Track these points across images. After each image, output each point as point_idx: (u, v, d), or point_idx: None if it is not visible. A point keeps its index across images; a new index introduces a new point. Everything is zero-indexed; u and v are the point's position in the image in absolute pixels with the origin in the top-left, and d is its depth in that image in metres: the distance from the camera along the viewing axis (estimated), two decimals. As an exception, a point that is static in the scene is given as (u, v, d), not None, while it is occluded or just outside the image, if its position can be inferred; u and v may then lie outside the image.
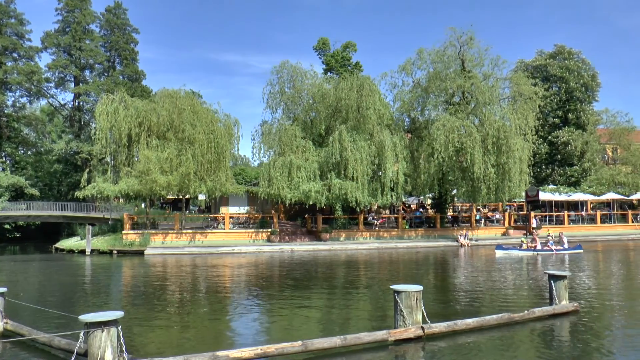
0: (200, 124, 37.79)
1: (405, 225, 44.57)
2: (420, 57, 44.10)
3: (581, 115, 59.50)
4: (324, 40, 63.47)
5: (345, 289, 19.80)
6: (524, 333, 12.42)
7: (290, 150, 39.78)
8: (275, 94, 44.88)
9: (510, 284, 20.54)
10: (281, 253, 35.20)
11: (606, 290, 18.46)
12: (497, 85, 44.37)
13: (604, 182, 55.04)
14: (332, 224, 41.95)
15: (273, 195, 38.83)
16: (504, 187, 40.27)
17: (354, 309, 15.72)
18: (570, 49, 62.25)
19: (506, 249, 33.30)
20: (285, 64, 44.55)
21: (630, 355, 10.49)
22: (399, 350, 10.87)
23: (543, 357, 10.59)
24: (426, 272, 25.08)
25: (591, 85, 61.41)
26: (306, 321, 13.98)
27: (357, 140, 39.31)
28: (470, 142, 38.80)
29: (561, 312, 13.98)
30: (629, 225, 51.35)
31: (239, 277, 24.01)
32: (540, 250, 33.03)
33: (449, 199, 47.85)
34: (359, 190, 37.98)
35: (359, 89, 41.00)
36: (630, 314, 14.25)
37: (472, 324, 12.38)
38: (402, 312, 11.47)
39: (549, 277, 14.54)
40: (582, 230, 49.35)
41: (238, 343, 11.36)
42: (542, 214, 49.92)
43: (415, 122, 45.85)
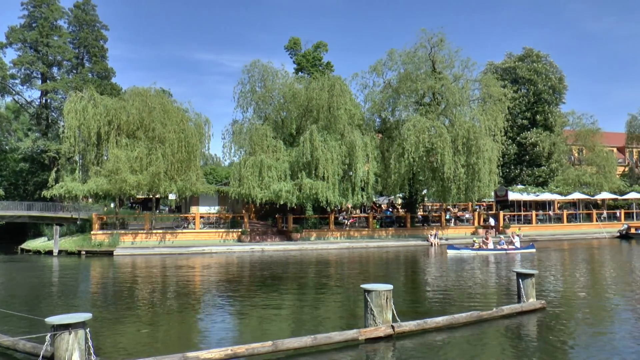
0: (171, 122, 37.45)
1: (376, 224, 44.77)
2: (391, 58, 44.34)
3: (549, 117, 60.34)
4: (296, 39, 63.36)
5: (316, 288, 19.85)
6: (493, 330, 12.61)
7: (261, 150, 39.66)
8: (246, 93, 44.68)
9: (479, 283, 20.79)
10: (252, 253, 35.11)
11: (566, 288, 18.81)
12: (467, 86, 44.80)
13: (570, 182, 55.98)
14: (302, 223, 41.93)
15: (244, 195, 38.69)
16: (474, 187, 40.67)
17: (324, 308, 15.76)
18: (539, 52, 63.10)
19: (458, 249, 33.59)
20: (256, 63, 44.43)
21: (592, 350, 10.74)
22: (369, 349, 10.94)
23: (511, 354, 10.78)
24: (396, 272, 25.25)
25: (558, 87, 62.33)
26: (277, 321, 13.97)
27: (328, 140, 39.36)
28: (440, 142, 39.12)
29: (529, 310, 14.23)
30: (593, 224, 52.34)
31: (210, 277, 23.88)
32: (492, 249, 33.31)
33: (420, 198, 48.20)
34: (329, 190, 38.06)
35: (330, 89, 41.06)
36: (592, 310, 14.55)
37: (442, 323, 12.51)
38: (373, 311, 11.53)
39: (517, 276, 14.79)
40: (549, 229, 50.20)
41: (208, 344, 11.31)
42: (511, 214, 50.55)
43: (386, 122, 46.08)
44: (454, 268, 25.94)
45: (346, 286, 20.13)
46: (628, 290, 18.64)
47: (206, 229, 40.35)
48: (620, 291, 18.44)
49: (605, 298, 17.23)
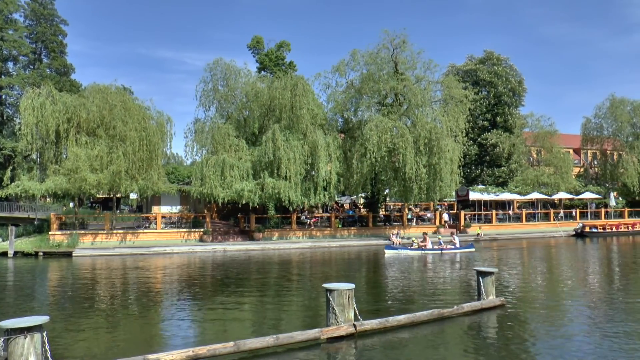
0: (132, 120, 36.85)
1: (338, 224, 44.90)
2: (354, 59, 44.48)
3: (508, 119, 61.34)
4: (258, 38, 63.13)
5: (278, 288, 19.84)
6: (453, 328, 12.81)
7: (224, 149, 39.42)
8: (208, 92, 44.36)
9: (440, 281, 21.05)
10: (214, 253, 34.85)
11: (525, 285, 19.15)
12: (429, 88, 45.20)
13: (529, 182, 57.08)
14: (265, 223, 41.77)
15: (206, 195, 38.40)
16: (435, 187, 41.07)
17: (286, 308, 15.76)
18: (499, 55, 64.08)
19: (396, 249, 33.45)
20: (219, 62, 44.16)
21: (549, 345, 10.97)
22: (331, 348, 10.99)
23: (471, 350, 10.97)
24: (358, 271, 25.36)
25: (518, 90, 63.40)
26: (239, 321, 13.91)
27: (291, 140, 39.35)
28: (402, 143, 39.42)
29: (489, 307, 14.49)
30: (551, 223, 53.54)
31: (171, 278, 23.60)
32: (430, 249, 33.30)
33: (382, 198, 48.49)
34: (292, 190, 38.06)
35: (292, 88, 41.03)
36: (549, 307, 14.84)
37: (404, 321, 12.63)
38: (335, 310, 11.59)
39: (477, 274, 15.05)
40: (509, 228, 51.11)
41: (169, 345, 11.22)
42: (472, 213, 51.28)
43: (348, 122, 46.22)
44: (415, 267, 26.20)
45: (308, 286, 20.18)
46: (583, 287, 19.15)
47: (168, 229, 39.86)
48: (576, 288, 18.96)
49: (561, 295, 17.68)
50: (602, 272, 23.78)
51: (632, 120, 64.04)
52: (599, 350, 10.56)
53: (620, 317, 13.36)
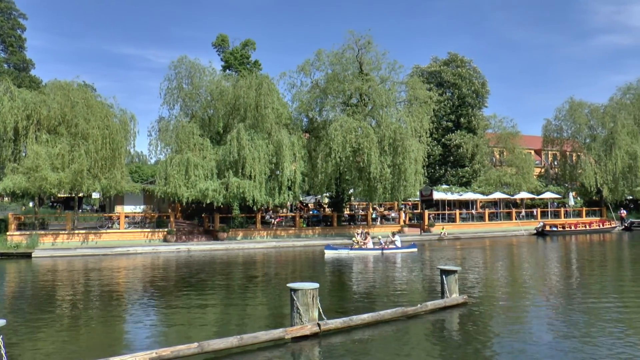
0: (95, 118, 36.18)
1: (303, 224, 44.93)
2: (319, 59, 44.52)
3: (472, 120, 62.14)
4: (223, 37, 62.74)
5: (243, 288, 19.77)
6: (417, 326, 12.97)
7: (188, 148, 39.08)
8: (172, 90, 43.78)
9: (404, 280, 21.24)
10: (178, 253, 34.54)
11: (487, 283, 19.45)
12: (394, 88, 45.56)
13: (492, 182, 57.94)
14: (229, 223, 41.55)
15: (170, 194, 38.04)
16: (400, 187, 41.36)
17: (251, 308, 15.73)
18: (463, 57, 64.85)
19: (335, 249, 33.14)
20: (183, 60, 43.66)
21: (511, 341, 11.17)
22: (295, 347, 11.03)
23: (435, 348, 11.15)
24: (322, 270, 25.41)
25: (481, 92, 64.28)
26: (203, 322, 13.82)
27: (255, 139, 39.20)
28: (367, 142, 39.60)
29: (452, 305, 14.70)
30: (513, 222, 54.53)
31: (134, 278, 23.33)
32: (371, 249, 33.29)
33: (346, 198, 48.66)
34: (256, 189, 37.94)
35: (257, 87, 40.87)
36: (511, 304, 15.11)
37: (368, 319, 12.73)
38: (299, 309, 11.61)
39: (440, 272, 15.25)
40: (472, 227, 51.84)
41: (132, 347, 11.09)
42: (436, 212, 51.81)
43: (313, 122, 46.25)
44: (379, 266, 26.38)
45: (273, 285, 20.15)
46: (543, 285, 19.51)
47: (131, 229, 39.34)
48: (536, 286, 19.31)
49: (522, 292, 18.07)
50: (561, 271, 24.29)
51: (590, 123, 65.55)
52: (557, 350, 10.75)
53: (578, 317, 13.64)
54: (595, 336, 11.55)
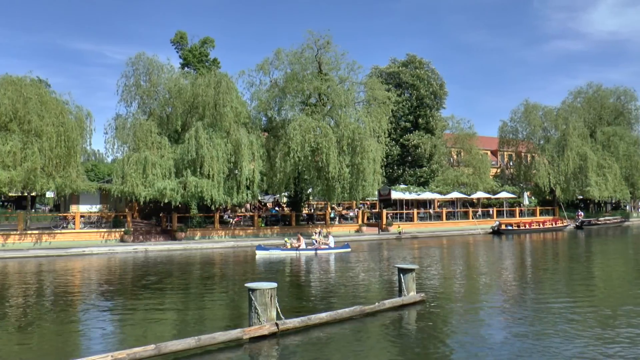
0: (49, 115, 35.28)
1: (261, 223, 44.85)
2: (278, 58, 44.45)
3: (430, 121, 62.84)
4: (182, 34, 61.87)
5: (201, 289, 19.66)
6: (375, 324, 13.06)
7: (146, 146, 38.59)
8: (130, 87, 43.06)
9: (362, 279, 21.39)
10: (135, 253, 34.07)
11: (444, 281, 19.74)
12: (353, 89, 45.83)
13: (449, 182, 58.82)
14: (187, 222, 41.24)
15: (127, 193, 37.45)
16: (358, 186, 41.61)
17: (209, 309, 15.66)
18: (421, 59, 65.52)
19: (267, 249, 32.51)
20: (141, 56, 43.00)
21: (467, 338, 11.35)
22: (253, 347, 10.98)
23: (392, 345, 11.27)
24: (281, 270, 25.41)
25: (439, 93, 65.07)
26: (160, 324, 13.65)
27: (214, 138, 38.95)
28: (326, 142, 39.75)
29: (409, 303, 14.87)
30: (469, 221, 55.45)
31: (89, 280, 22.81)
32: (304, 249, 32.84)
33: (305, 197, 48.74)
34: (215, 188, 37.68)
35: (216, 85, 40.60)
36: (467, 301, 15.37)
37: (326, 318, 12.75)
38: (257, 309, 11.58)
39: (398, 271, 15.39)
40: (430, 226, 52.53)
41: (87, 351, 10.85)
42: (394, 212, 52.32)
43: (272, 121, 46.15)
44: (337, 265, 26.53)
45: (231, 285, 20.08)
46: (498, 283, 19.91)
47: (87, 229, 38.66)
48: (492, 284, 19.70)
49: (478, 290, 18.44)
50: (515, 269, 24.77)
51: (544, 125, 67.45)
52: (512, 347, 10.95)
53: (531, 315, 13.90)
54: (548, 334, 11.76)
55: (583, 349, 10.51)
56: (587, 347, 10.63)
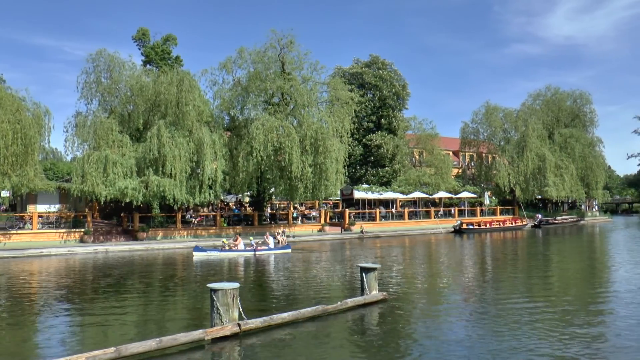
0: (5, 112, 34.35)
1: (224, 223, 44.63)
2: (241, 56, 44.33)
3: (393, 121, 63.44)
4: (144, 30, 61.08)
5: (163, 289, 19.44)
6: (337, 323, 13.11)
7: (106, 145, 38.07)
8: (90, 84, 42.27)
9: (326, 278, 21.46)
10: (95, 254, 33.45)
11: (406, 279, 19.93)
12: (316, 88, 45.94)
13: (412, 182, 59.45)
14: (149, 222, 40.78)
15: (87, 193, 36.82)
16: (321, 186, 41.77)
17: (171, 310, 15.49)
18: (384, 60, 66.11)
19: (205, 251, 31.62)
20: (102, 52, 42.25)
21: (428, 335, 11.47)
22: (215, 348, 10.92)
23: (354, 345, 11.33)
24: (244, 269, 25.33)
25: (402, 94, 65.79)
26: (121, 326, 13.39)
27: (176, 137, 38.67)
28: (288, 142, 39.80)
29: (372, 301, 14.98)
30: (431, 220, 56.09)
31: (47, 282, 22.13)
32: (242, 250, 32.11)
33: (267, 197, 48.67)
34: (177, 188, 37.41)
35: (178, 84, 40.33)
36: (428, 299, 15.55)
37: (288, 318, 12.76)
38: (219, 310, 11.52)
39: (360, 270, 15.50)
40: (392, 225, 52.97)
41: (45, 355, 10.66)
42: (356, 212, 52.60)
43: (235, 120, 45.98)
44: (299, 265, 26.54)
45: (193, 286, 19.93)
46: (459, 282, 20.18)
47: (45, 229, 37.83)
48: (453, 283, 19.95)
49: (440, 288, 18.67)
50: (476, 267, 25.14)
51: (504, 126, 68.87)
52: (471, 345, 11.11)
53: (491, 313, 14.10)
54: (506, 332, 11.96)
55: (540, 347, 10.70)
56: (544, 345, 10.82)
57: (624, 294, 16.47)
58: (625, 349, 10.55)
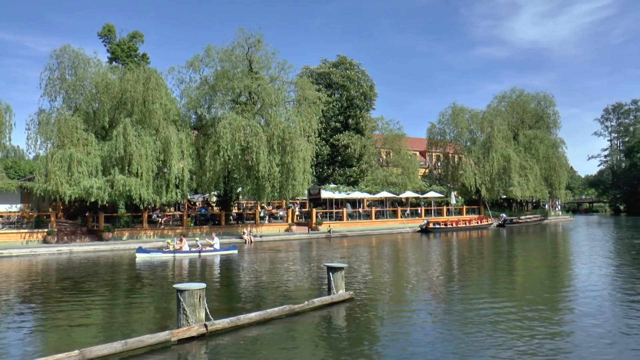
0: (-37, 108, 33.80)
1: (190, 222, 44.33)
2: (209, 55, 44.03)
3: (360, 121, 63.69)
4: (110, 26, 60.13)
5: (128, 290, 19.19)
6: (305, 323, 13.13)
7: (71, 143, 37.45)
8: (54, 81, 41.39)
9: (292, 278, 21.48)
10: (59, 255, 32.79)
11: (373, 279, 20.05)
12: (283, 88, 45.88)
13: (379, 182, 59.84)
14: (115, 222, 40.27)
15: (51, 192, 36.13)
16: (288, 186, 41.76)
17: (137, 311, 15.29)
18: (352, 60, 66.28)
19: (148, 252, 30.58)
20: (66, 49, 41.41)
21: (394, 334, 11.54)
22: (182, 350, 10.84)
23: (321, 344, 11.38)
24: (210, 270, 25.20)
25: (369, 94, 66.09)
26: (86, 328, 13.17)
27: (143, 135, 38.22)
28: (256, 141, 39.71)
29: (339, 301, 15.06)
30: (398, 220, 56.52)
31: (8, 284, 21.43)
32: (187, 252, 31.37)
33: (234, 196, 48.44)
34: (143, 187, 36.97)
35: (145, 81, 39.90)
36: (395, 298, 15.68)
37: (255, 318, 12.74)
38: (185, 310, 11.44)
39: (327, 269, 15.54)
40: (359, 225, 53.19)
41: (6, 358, 10.47)
42: (324, 211, 52.71)
43: (202, 119, 45.63)
44: (267, 265, 26.53)
45: (159, 287, 19.74)
46: (426, 278, 20.45)
47: (6, 230, 37.01)
48: (420, 280, 20.21)
49: (407, 287, 18.83)
50: (442, 266, 25.37)
51: (470, 127, 69.78)
52: (436, 343, 11.20)
53: (457, 312, 14.27)
54: (472, 330, 12.10)
55: (504, 345, 10.85)
56: (508, 343, 10.97)
57: (584, 292, 16.79)
58: (586, 344, 10.78)
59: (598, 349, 10.52)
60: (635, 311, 13.78)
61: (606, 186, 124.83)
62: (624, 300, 15.39)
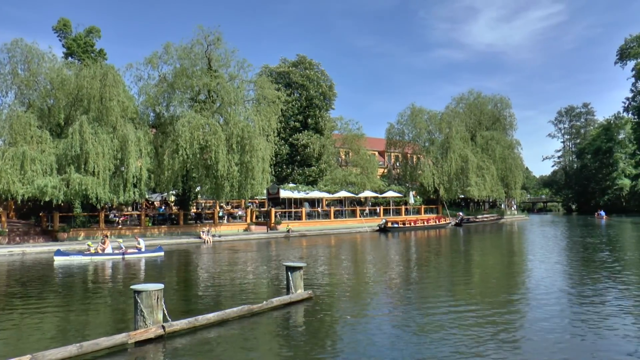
0: None
1: (148, 222, 43.76)
2: (167, 52, 43.52)
3: (319, 121, 63.86)
4: (65, 21, 58.86)
5: (84, 292, 18.82)
6: (264, 322, 13.16)
7: (24, 141, 36.54)
8: (5, 75, 40.33)
9: (251, 277, 21.46)
10: (10, 256, 31.71)
11: (331, 278, 20.15)
12: (243, 87, 45.64)
13: (338, 181, 60.08)
14: (70, 222, 39.48)
15: (2, 191, 35.14)
16: (247, 185, 41.59)
17: (93, 313, 14.99)
18: (311, 60, 66.38)
19: (67, 255, 29.25)
20: (18, 43, 40.33)
21: (352, 332, 11.65)
22: (139, 352, 10.73)
23: (280, 343, 11.43)
24: (168, 270, 24.96)
25: (328, 94, 66.30)
26: (39, 331, 12.80)
27: (100, 133, 37.54)
28: (215, 140, 39.48)
29: (297, 300, 15.12)
30: (357, 219, 56.87)
31: None
32: (110, 254, 30.08)
33: (193, 195, 48.08)
34: (100, 186, 36.32)
35: (102, 78, 39.20)
36: (353, 297, 15.78)
37: (213, 319, 12.67)
38: (143, 312, 11.33)
39: (286, 269, 15.59)
40: (318, 224, 53.31)
41: None
42: (283, 211, 52.68)
43: (160, 117, 45.05)
44: (225, 265, 26.41)
45: (116, 288, 19.47)
46: (383, 279, 20.60)
47: (-47, 230, 36.01)
48: (377, 280, 20.34)
49: (365, 285, 19.00)
50: (400, 265, 25.61)
51: (429, 128, 70.72)
52: (394, 343, 11.30)
53: (414, 310, 14.45)
54: (428, 329, 12.27)
55: (461, 344, 11.01)
56: (465, 343, 11.13)
57: (539, 290, 17.14)
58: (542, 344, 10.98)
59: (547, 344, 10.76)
60: (586, 311, 14.14)
61: (559, 186, 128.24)
62: (577, 298, 15.77)
